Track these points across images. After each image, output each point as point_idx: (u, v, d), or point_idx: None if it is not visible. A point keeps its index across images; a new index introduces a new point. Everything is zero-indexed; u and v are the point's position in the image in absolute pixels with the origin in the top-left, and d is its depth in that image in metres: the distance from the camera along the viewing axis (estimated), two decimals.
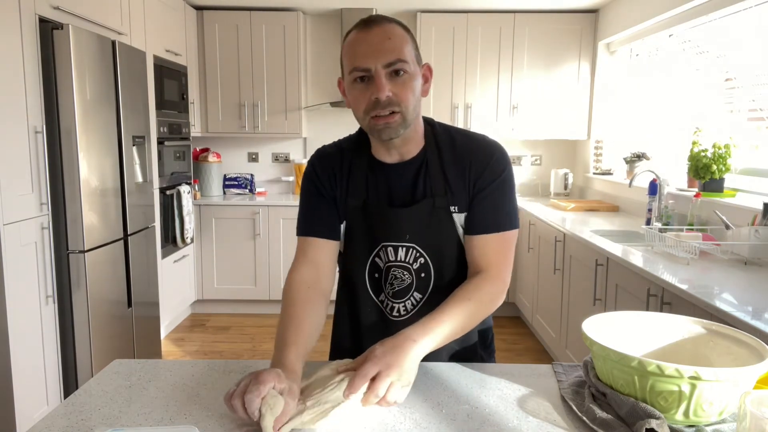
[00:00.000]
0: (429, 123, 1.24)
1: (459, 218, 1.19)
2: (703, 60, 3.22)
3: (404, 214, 1.18)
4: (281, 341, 1.06)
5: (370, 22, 1.10)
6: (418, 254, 1.20)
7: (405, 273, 1.22)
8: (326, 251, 1.21)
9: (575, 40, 4.38)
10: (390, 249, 1.21)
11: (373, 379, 0.94)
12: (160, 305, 3.56)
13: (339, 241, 1.24)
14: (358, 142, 1.25)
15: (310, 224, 1.22)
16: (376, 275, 1.24)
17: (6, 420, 2.31)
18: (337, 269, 1.27)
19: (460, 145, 1.20)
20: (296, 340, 1.06)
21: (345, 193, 1.22)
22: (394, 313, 1.24)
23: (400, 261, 1.21)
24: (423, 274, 1.21)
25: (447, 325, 1.06)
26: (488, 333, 1.35)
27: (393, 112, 1.09)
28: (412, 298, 1.23)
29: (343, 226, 1.24)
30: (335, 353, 1.32)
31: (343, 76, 1.15)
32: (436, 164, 1.19)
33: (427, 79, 1.17)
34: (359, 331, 1.28)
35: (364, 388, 0.94)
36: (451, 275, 1.21)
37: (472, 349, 1.29)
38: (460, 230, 1.20)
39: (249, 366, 1.14)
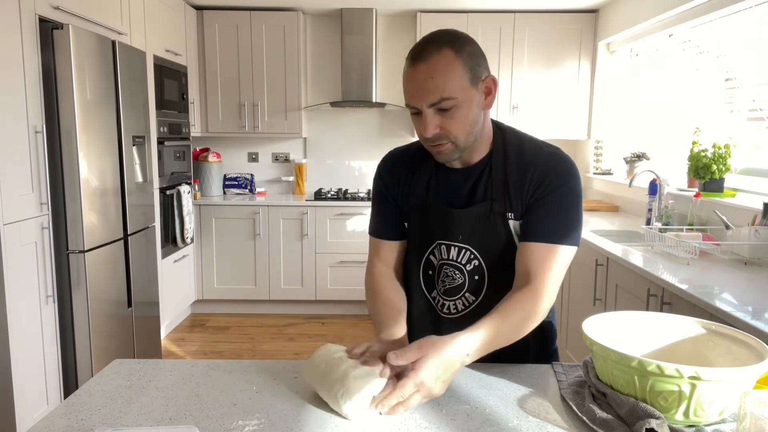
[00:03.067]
0: (500, 128, 1.24)
1: (515, 225, 1.18)
2: (703, 60, 3.22)
3: (458, 215, 1.21)
4: (383, 323, 1.18)
5: (417, 56, 1.09)
6: (471, 256, 1.22)
7: (456, 272, 1.24)
8: (395, 250, 1.33)
9: (575, 40, 4.38)
10: (444, 247, 1.24)
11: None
12: (160, 305, 3.56)
13: (405, 240, 1.33)
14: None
15: (379, 227, 1.34)
16: (430, 272, 1.29)
17: (6, 420, 2.31)
18: None
19: (528, 153, 1.19)
20: (397, 317, 1.19)
21: (407, 192, 1.29)
22: (445, 310, 1.27)
23: (452, 260, 1.24)
24: (477, 277, 1.23)
25: (494, 341, 1.05)
26: (550, 335, 1.33)
27: (442, 143, 1.14)
28: (463, 298, 1.25)
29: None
30: None
31: None
32: (499, 170, 1.19)
33: (489, 92, 1.16)
34: (410, 324, 1.30)
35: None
36: (507, 281, 1.19)
37: (534, 354, 1.28)
38: (515, 237, 1.19)
39: (249, 366, 1.14)
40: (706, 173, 2.82)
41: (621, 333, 1.03)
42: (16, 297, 2.33)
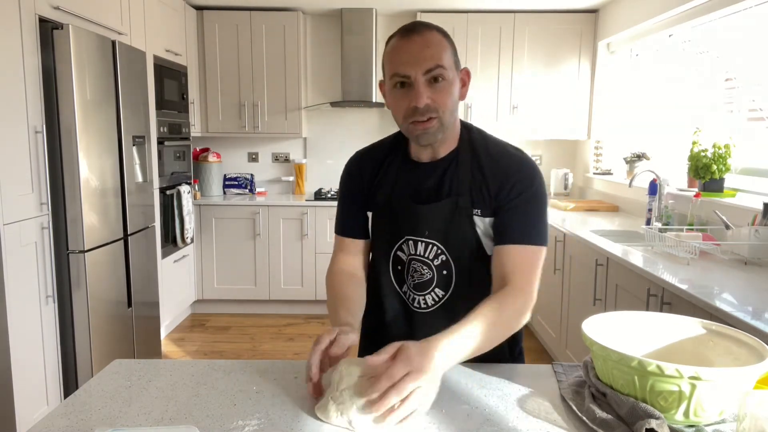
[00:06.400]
0: (466, 127, 1.27)
1: (480, 222, 1.20)
2: (703, 60, 3.22)
3: (424, 211, 1.22)
4: (334, 312, 1.19)
5: (411, 30, 1.14)
6: (439, 251, 1.23)
7: (425, 268, 1.25)
8: (359, 248, 1.34)
9: (575, 40, 4.38)
10: (411, 242, 1.25)
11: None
12: (160, 305, 3.56)
13: (369, 240, 1.34)
14: (394, 143, 1.31)
15: (345, 225, 1.34)
16: (399, 267, 1.29)
17: (6, 420, 2.31)
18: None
19: (493, 153, 1.22)
20: (346, 305, 1.20)
21: (375, 189, 1.29)
22: (416, 305, 1.28)
23: (420, 255, 1.25)
24: (445, 272, 1.24)
25: (473, 341, 1.02)
26: (517, 335, 1.33)
27: (431, 118, 1.14)
28: (433, 293, 1.26)
29: (370, 217, 1.31)
30: (363, 341, 1.38)
31: (384, 79, 1.20)
32: (466, 166, 1.21)
33: (465, 83, 1.20)
34: (384, 321, 1.32)
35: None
36: (474, 276, 1.22)
37: (499, 353, 1.27)
38: (481, 233, 1.20)
39: (249, 366, 1.14)
40: (706, 173, 2.82)
41: (621, 333, 1.03)
42: (16, 297, 2.33)
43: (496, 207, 1.18)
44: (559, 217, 3.59)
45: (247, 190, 4.78)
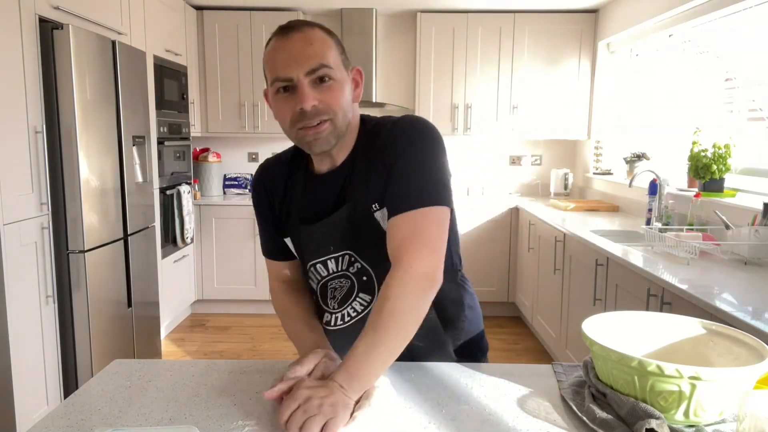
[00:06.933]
0: (363, 121, 1.15)
1: (382, 216, 1.08)
2: (703, 60, 3.22)
3: (319, 229, 1.12)
4: (300, 336, 1.14)
5: (289, 28, 1.03)
6: (352, 259, 1.13)
7: (342, 279, 1.16)
8: (290, 267, 1.26)
9: (575, 40, 4.38)
10: (319, 266, 1.16)
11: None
12: (160, 305, 3.56)
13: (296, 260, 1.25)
14: (296, 156, 1.19)
15: (268, 248, 1.26)
16: (314, 297, 1.23)
17: (6, 420, 2.31)
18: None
19: (378, 132, 1.10)
20: (313, 325, 1.16)
21: (285, 212, 1.19)
22: (339, 322, 1.18)
23: (333, 272, 1.16)
24: (365, 277, 1.14)
25: (373, 359, 0.93)
26: (481, 343, 1.29)
27: (322, 122, 1.03)
28: (358, 299, 1.16)
29: (290, 242, 1.22)
30: None
31: (267, 86, 1.08)
32: (361, 164, 1.10)
33: (357, 84, 1.10)
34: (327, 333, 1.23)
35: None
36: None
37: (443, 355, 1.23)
38: (384, 227, 1.08)
39: (249, 366, 1.14)
40: (706, 173, 2.82)
41: (621, 333, 1.03)
42: (16, 297, 2.33)
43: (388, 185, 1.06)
44: (559, 217, 3.59)
45: (247, 190, 4.78)
